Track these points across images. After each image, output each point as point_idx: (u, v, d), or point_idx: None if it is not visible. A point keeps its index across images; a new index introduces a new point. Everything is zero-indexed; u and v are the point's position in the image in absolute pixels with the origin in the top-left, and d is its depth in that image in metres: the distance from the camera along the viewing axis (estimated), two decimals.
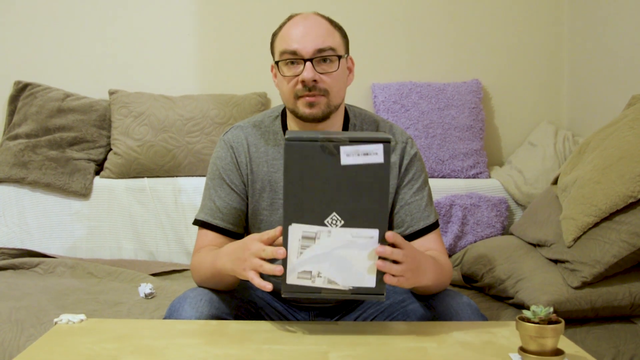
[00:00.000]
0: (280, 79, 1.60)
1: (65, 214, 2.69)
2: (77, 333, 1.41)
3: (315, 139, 1.28)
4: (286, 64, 1.57)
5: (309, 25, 1.57)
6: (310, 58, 1.54)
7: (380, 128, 1.70)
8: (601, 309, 1.87)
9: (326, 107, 1.58)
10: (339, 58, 1.57)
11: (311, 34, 1.55)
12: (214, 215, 1.65)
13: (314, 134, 1.30)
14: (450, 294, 1.58)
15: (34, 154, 2.69)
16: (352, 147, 1.28)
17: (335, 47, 1.57)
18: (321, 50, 1.55)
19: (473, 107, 2.90)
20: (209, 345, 1.34)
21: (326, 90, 1.56)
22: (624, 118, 2.09)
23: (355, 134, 1.40)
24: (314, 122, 1.59)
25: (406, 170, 1.68)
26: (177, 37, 2.99)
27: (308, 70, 1.54)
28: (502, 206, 2.68)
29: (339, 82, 1.59)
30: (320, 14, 1.62)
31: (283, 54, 1.57)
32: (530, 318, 1.23)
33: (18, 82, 2.85)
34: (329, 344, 1.35)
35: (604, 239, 1.86)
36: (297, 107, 1.58)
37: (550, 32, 3.07)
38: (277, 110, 1.73)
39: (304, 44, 1.54)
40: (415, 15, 3.04)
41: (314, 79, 1.54)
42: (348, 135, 1.31)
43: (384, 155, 1.28)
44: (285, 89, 1.59)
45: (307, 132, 1.33)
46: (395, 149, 1.68)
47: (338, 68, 1.57)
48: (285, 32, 1.59)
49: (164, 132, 2.75)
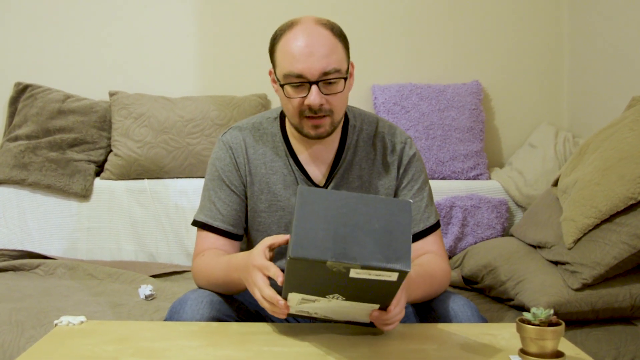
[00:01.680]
0: (283, 97, 1.57)
1: (65, 216, 2.69)
2: (77, 335, 1.41)
3: (324, 260, 1.18)
4: (292, 87, 1.54)
5: (312, 42, 1.51)
6: (316, 81, 1.51)
7: (380, 128, 1.70)
8: (601, 311, 1.87)
9: (330, 127, 1.57)
10: (344, 80, 1.55)
11: (316, 54, 1.50)
12: (214, 217, 1.65)
13: (323, 244, 1.19)
14: (450, 296, 1.58)
15: (34, 156, 2.69)
16: (363, 270, 1.20)
17: (340, 68, 1.53)
18: (327, 73, 1.51)
19: (473, 108, 2.90)
20: (210, 347, 1.34)
21: (331, 110, 1.55)
22: (624, 119, 2.09)
23: (370, 247, 1.21)
24: (318, 139, 1.61)
25: (405, 171, 1.68)
26: (177, 39, 2.99)
27: (314, 96, 1.51)
28: (502, 208, 2.68)
29: (343, 100, 1.58)
30: (321, 22, 1.56)
31: (288, 77, 1.53)
32: (530, 320, 1.23)
33: (18, 83, 2.85)
34: (330, 345, 1.35)
35: (605, 240, 1.86)
36: (302, 127, 1.57)
37: (550, 33, 3.07)
38: (275, 111, 1.72)
39: (309, 66, 1.50)
40: (415, 17, 3.04)
41: (320, 103, 1.53)
42: (362, 254, 1.19)
43: (397, 278, 1.21)
44: (290, 108, 1.57)
45: (314, 231, 1.20)
46: (395, 150, 1.68)
47: (344, 88, 1.56)
48: (287, 48, 1.53)
49: (164, 133, 2.75)
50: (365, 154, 1.68)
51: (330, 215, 1.21)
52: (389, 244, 1.20)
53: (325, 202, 1.23)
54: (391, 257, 1.19)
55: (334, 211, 1.22)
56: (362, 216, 1.22)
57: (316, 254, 1.18)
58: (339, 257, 1.18)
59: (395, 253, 1.19)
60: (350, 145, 1.67)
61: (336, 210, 1.22)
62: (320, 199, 1.23)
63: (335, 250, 1.18)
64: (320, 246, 1.18)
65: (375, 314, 1.32)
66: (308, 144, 1.65)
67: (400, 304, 1.34)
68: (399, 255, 1.19)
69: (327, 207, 1.22)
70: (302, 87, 1.53)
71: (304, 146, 1.65)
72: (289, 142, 1.67)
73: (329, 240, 1.19)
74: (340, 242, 1.19)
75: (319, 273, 1.21)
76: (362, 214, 1.22)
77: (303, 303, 1.32)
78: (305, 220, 1.21)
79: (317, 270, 1.20)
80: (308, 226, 1.20)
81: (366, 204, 1.23)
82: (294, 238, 1.19)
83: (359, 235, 1.20)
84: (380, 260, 1.18)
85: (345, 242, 1.19)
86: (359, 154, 1.67)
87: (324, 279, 1.22)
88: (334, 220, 1.21)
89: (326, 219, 1.21)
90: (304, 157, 1.66)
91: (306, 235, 1.19)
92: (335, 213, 1.22)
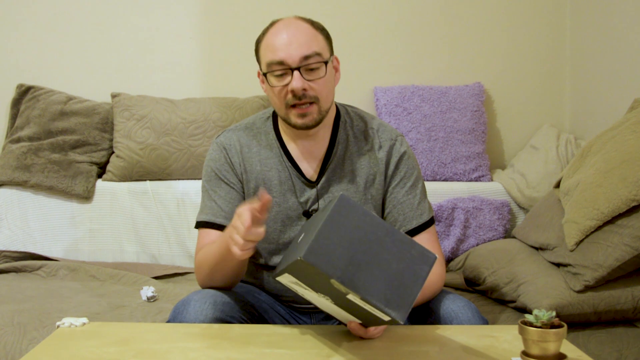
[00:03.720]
0: (269, 89, 1.61)
1: (67, 217, 2.69)
2: (79, 336, 1.41)
3: (330, 276, 1.18)
4: (274, 75, 1.58)
5: (292, 32, 1.58)
6: (297, 67, 1.55)
7: (370, 124, 1.72)
8: (604, 313, 1.86)
9: (318, 115, 1.60)
10: (325, 63, 1.58)
11: (295, 42, 1.56)
12: (216, 214, 1.65)
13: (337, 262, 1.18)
14: (450, 297, 1.58)
15: (36, 157, 2.69)
16: (361, 301, 1.20)
17: (320, 52, 1.58)
18: (307, 57, 1.56)
19: (475, 110, 2.90)
20: (212, 349, 1.34)
21: (316, 97, 1.58)
22: (626, 121, 2.08)
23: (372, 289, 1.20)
24: (306, 129, 1.61)
25: (396, 168, 1.69)
26: (180, 41, 3.00)
27: (297, 80, 1.55)
28: (504, 209, 2.67)
29: (327, 86, 1.60)
30: (302, 17, 1.63)
31: (270, 65, 1.58)
32: (532, 322, 1.23)
33: (21, 85, 2.85)
34: (332, 347, 1.35)
35: (607, 242, 1.86)
36: (289, 117, 1.60)
37: (553, 35, 3.07)
38: (268, 111, 1.75)
39: (290, 53, 1.55)
40: (417, 19, 3.03)
41: (303, 88, 1.55)
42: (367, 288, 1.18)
43: (388, 321, 1.22)
44: (276, 99, 1.60)
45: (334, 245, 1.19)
46: (382, 146, 1.69)
47: (326, 73, 1.58)
48: (269, 41, 1.60)
49: (166, 135, 2.75)
50: (357, 149, 1.69)
51: (356, 237, 1.21)
52: (396, 289, 1.20)
53: (357, 220, 1.22)
54: (393, 302, 1.19)
55: (361, 234, 1.21)
56: (385, 251, 1.21)
57: (326, 267, 1.18)
58: (345, 280, 1.18)
59: (398, 300, 1.19)
60: (341, 140, 1.69)
61: (363, 234, 1.21)
62: (354, 215, 1.22)
63: (345, 272, 1.18)
64: (333, 262, 1.18)
65: (354, 325, 1.35)
66: (299, 140, 1.67)
67: (380, 328, 1.38)
68: (400, 304, 1.19)
69: (357, 226, 1.21)
70: (284, 75, 1.57)
71: (296, 142, 1.68)
72: (282, 139, 1.69)
73: (344, 260, 1.19)
74: (353, 266, 1.19)
75: (321, 280, 1.21)
76: (386, 248, 1.21)
77: (294, 285, 1.34)
78: (331, 229, 1.20)
79: (320, 278, 1.21)
80: (331, 236, 1.20)
81: (394, 240, 1.22)
82: (313, 242, 1.19)
83: (373, 268, 1.20)
84: (381, 300, 1.18)
85: (357, 269, 1.19)
86: (350, 149, 1.69)
87: (323, 285, 1.23)
88: (357, 243, 1.20)
89: (351, 238, 1.20)
90: (296, 153, 1.68)
91: (325, 244, 1.19)
92: (362, 236, 1.21)
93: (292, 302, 1.72)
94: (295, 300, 1.70)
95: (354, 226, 1.21)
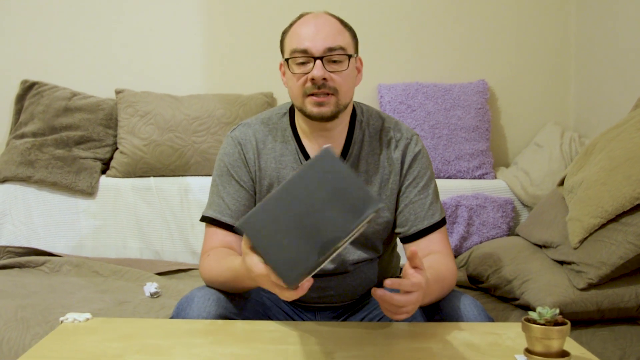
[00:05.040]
0: (289, 76, 1.60)
1: (71, 213, 2.69)
2: (82, 332, 1.41)
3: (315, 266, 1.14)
4: (296, 63, 1.57)
5: (320, 23, 1.57)
6: (320, 56, 1.54)
7: (386, 123, 1.70)
8: (607, 311, 1.86)
9: (335, 107, 1.57)
10: (348, 57, 1.58)
11: (322, 33, 1.56)
12: (223, 212, 1.64)
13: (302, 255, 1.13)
14: (456, 295, 1.58)
15: (40, 153, 2.70)
16: (348, 238, 1.17)
17: (345, 47, 1.57)
18: (331, 49, 1.55)
19: (479, 107, 2.89)
20: (215, 345, 1.34)
21: (335, 89, 1.56)
22: (631, 119, 2.08)
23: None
24: (322, 121, 1.59)
25: (410, 167, 1.68)
26: (184, 37, 3.00)
27: (318, 69, 1.54)
28: (508, 207, 2.67)
29: (348, 81, 1.59)
30: (331, 14, 1.63)
31: (293, 53, 1.57)
32: (536, 319, 1.23)
33: (25, 81, 2.86)
34: (335, 344, 1.35)
35: (610, 240, 1.86)
36: (305, 106, 1.58)
37: (557, 32, 3.06)
38: (285, 107, 1.73)
39: (315, 42, 1.55)
40: (421, 16, 3.03)
41: (323, 77, 1.54)
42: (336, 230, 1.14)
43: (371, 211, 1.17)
44: (294, 87, 1.58)
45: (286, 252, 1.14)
46: (398, 146, 1.68)
47: (348, 67, 1.57)
48: (295, 30, 1.59)
49: (170, 131, 2.75)
50: (372, 149, 1.68)
51: (283, 225, 1.14)
52: (347, 200, 1.15)
53: (268, 218, 1.15)
54: (358, 208, 1.15)
55: (282, 218, 1.15)
56: (306, 198, 1.15)
57: (304, 268, 1.14)
58: (322, 251, 1.14)
59: (359, 202, 1.15)
60: (357, 139, 1.67)
61: (284, 215, 1.15)
62: (263, 220, 1.15)
63: (315, 248, 1.14)
64: (302, 258, 1.13)
65: (380, 292, 1.29)
66: (316, 138, 1.65)
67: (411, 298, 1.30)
68: (364, 201, 1.15)
69: (274, 220, 1.15)
70: (306, 63, 1.56)
71: (312, 140, 1.65)
72: (299, 137, 1.67)
73: (303, 246, 1.14)
74: (311, 238, 1.14)
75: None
76: (304, 196, 1.15)
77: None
78: (269, 250, 1.15)
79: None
80: (277, 252, 1.14)
81: (297, 186, 1.16)
82: (277, 272, 1.14)
83: (318, 216, 1.15)
84: (353, 218, 1.14)
85: (315, 233, 1.14)
86: (365, 149, 1.67)
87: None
88: (291, 225, 1.14)
89: (285, 231, 1.14)
90: (312, 151, 1.66)
91: (283, 261, 1.14)
92: (285, 218, 1.15)
93: (297, 300, 1.72)
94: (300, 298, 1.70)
95: (274, 224, 1.15)
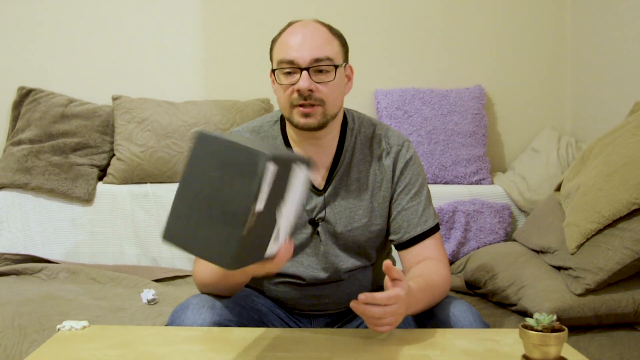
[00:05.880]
0: (277, 86, 1.60)
1: (68, 220, 2.69)
2: (79, 339, 1.41)
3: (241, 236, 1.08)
4: (283, 73, 1.57)
5: (307, 33, 1.57)
6: (307, 67, 1.54)
7: (377, 130, 1.70)
8: (605, 317, 1.86)
9: (322, 117, 1.57)
10: (335, 68, 1.57)
11: (308, 43, 1.55)
12: None
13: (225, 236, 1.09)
14: (451, 301, 1.58)
15: (37, 160, 2.69)
16: (258, 204, 1.10)
17: (332, 57, 1.57)
18: (318, 60, 1.55)
19: (476, 113, 2.90)
20: (212, 352, 1.34)
21: (322, 99, 1.56)
22: (627, 125, 2.08)
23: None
24: (309, 130, 1.59)
25: (401, 174, 1.67)
26: (181, 43, 3.00)
27: (304, 80, 1.54)
28: (505, 212, 2.67)
29: (335, 91, 1.58)
30: (320, 22, 1.62)
31: (280, 63, 1.57)
32: (533, 326, 1.23)
33: (22, 87, 2.86)
34: (331, 351, 1.35)
35: (607, 245, 1.86)
36: (292, 116, 1.58)
37: (553, 38, 3.07)
38: (276, 115, 1.73)
39: (301, 53, 1.54)
40: (417, 22, 3.04)
41: (309, 88, 1.54)
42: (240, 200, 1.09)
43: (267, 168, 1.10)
44: (282, 97, 1.59)
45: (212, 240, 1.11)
46: (390, 153, 1.68)
47: (335, 78, 1.57)
48: (283, 40, 1.59)
49: (167, 137, 2.75)
50: (363, 156, 1.68)
51: (196, 218, 1.13)
52: (237, 167, 1.09)
53: (181, 220, 1.16)
54: (250, 169, 1.08)
55: (192, 213, 1.14)
56: (203, 185, 1.13)
57: (235, 247, 1.09)
58: (240, 223, 1.08)
59: (248, 163, 1.09)
60: (348, 147, 1.67)
61: (192, 210, 1.14)
62: (178, 224, 1.17)
63: (232, 224, 1.09)
64: (226, 240, 1.09)
65: (354, 305, 1.31)
66: (306, 146, 1.65)
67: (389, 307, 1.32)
68: (251, 160, 1.08)
69: (186, 218, 1.15)
70: (293, 74, 1.56)
71: (303, 148, 1.66)
72: (290, 145, 1.67)
73: (221, 229, 1.10)
74: (224, 217, 1.09)
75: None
76: (201, 184, 1.13)
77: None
78: (196, 246, 1.14)
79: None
80: (203, 245, 1.12)
81: (191, 178, 1.14)
82: (213, 262, 1.12)
83: (220, 195, 1.10)
84: (251, 180, 1.08)
85: (225, 211, 1.09)
86: (357, 157, 1.67)
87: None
88: (203, 215, 1.12)
89: (200, 223, 1.12)
90: None
91: (213, 251, 1.11)
92: (194, 211, 1.13)
93: (293, 308, 1.72)
94: (295, 306, 1.70)
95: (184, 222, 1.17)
